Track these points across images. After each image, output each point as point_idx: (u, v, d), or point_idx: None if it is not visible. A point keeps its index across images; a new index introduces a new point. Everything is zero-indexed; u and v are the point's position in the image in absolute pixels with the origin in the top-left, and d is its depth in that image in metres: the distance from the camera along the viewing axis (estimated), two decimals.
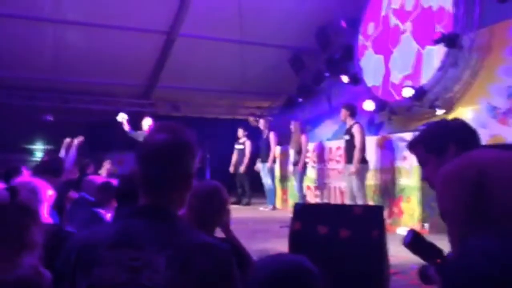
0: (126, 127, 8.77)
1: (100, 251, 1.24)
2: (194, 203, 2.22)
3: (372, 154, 7.08)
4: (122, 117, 8.75)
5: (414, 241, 1.56)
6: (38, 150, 12.48)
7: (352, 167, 6.70)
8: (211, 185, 2.30)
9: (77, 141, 6.13)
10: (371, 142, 7.17)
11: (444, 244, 1.55)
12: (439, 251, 1.56)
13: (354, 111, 7.14)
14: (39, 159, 10.27)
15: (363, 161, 6.76)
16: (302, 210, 3.55)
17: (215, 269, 1.23)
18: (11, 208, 1.81)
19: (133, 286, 1.20)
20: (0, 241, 1.71)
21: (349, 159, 7.01)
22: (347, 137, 7.07)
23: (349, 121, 7.08)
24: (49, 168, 4.40)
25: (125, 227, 1.28)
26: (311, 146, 8.56)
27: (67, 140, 6.56)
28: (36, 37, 9.45)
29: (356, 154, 6.70)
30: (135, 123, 12.41)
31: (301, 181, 8.26)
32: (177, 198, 1.35)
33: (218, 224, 2.27)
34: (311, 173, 8.50)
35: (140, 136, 8.29)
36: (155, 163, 1.30)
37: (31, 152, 12.33)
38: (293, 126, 8.56)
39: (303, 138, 8.30)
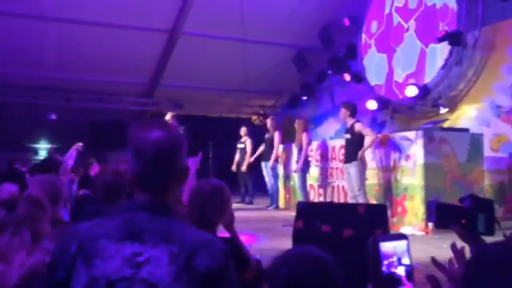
0: None
1: (102, 243, 1.24)
2: (196, 201, 2.22)
3: (374, 153, 7.06)
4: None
5: (439, 215, 1.51)
6: (42, 149, 12.51)
7: (357, 159, 6.72)
8: (213, 184, 2.31)
9: (76, 146, 6.08)
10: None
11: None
12: (462, 210, 1.52)
13: (354, 110, 7.08)
14: (42, 158, 10.29)
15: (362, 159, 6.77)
16: (305, 208, 3.54)
17: (217, 266, 1.23)
18: (22, 200, 1.84)
19: (135, 280, 1.20)
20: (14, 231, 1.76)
21: (348, 158, 6.98)
22: (348, 136, 7.02)
23: (350, 120, 7.03)
24: (49, 167, 4.39)
25: (128, 221, 1.28)
26: (314, 144, 8.54)
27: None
28: (39, 36, 9.47)
29: (367, 144, 6.69)
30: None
31: (303, 179, 8.23)
32: (173, 194, 1.37)
33: (219, 223, 2.27)
34: (314, 172, 8.49)
35: None
36: (153, 160, 1.32)
37: (34, 151, 12.36)
38: (296, 124, 8.50)
39: (304, 136, 8.23)
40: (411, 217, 6.36)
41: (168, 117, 8.45)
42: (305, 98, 11.43)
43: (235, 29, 9.94)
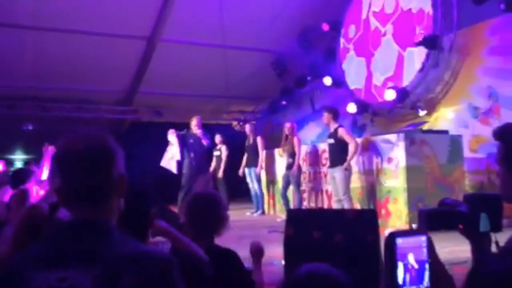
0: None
1: (30, 274, 1.17)
2: (194, 214, 2.20)
3: (356, 156, 7.11)
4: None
5: (432, 224, 1.45)
6: (18, 160, 12.24)
7: (343, 166, 6.75)
8: (209, 194, 2.32)
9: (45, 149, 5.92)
10: None
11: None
12: (457, 216, 1.44)
13: (336, 114, 7.15)
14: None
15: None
16: (296, 215, 3.54)
17: (147, 282, 1.15)
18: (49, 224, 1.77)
19: None
20: None
21: (333, 163, 7.01)
22: (331, 140, 7.05)
23: (333, 125, 7.08)
24: (20, 179, 4.24)
25: (54, 245, 1.22)
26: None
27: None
28: (15, 45, 9.27)
29: (351, 152, 6.74)
30: (117, 129, 12.25)
31: (298, 185, 8.06)
32: (110, 207, 1.29)
33: (218, 232, 2.25)
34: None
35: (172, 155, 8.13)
36: (77, 174, 1.23)
37: (10, 163, 12.07)
38: (286, 128, 8.40)
39: (296, 140, 8.16)
40: (395, 220, 6.43)
41: (194, 121, 8.40)
42: (285, 103, 11.46)
43: (214, 35, 9.92)
